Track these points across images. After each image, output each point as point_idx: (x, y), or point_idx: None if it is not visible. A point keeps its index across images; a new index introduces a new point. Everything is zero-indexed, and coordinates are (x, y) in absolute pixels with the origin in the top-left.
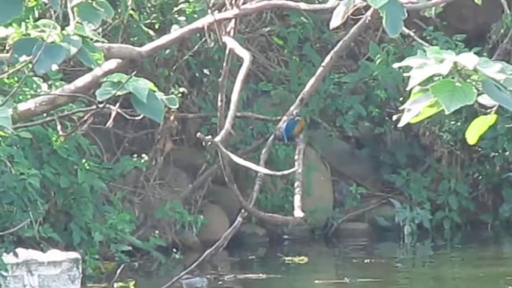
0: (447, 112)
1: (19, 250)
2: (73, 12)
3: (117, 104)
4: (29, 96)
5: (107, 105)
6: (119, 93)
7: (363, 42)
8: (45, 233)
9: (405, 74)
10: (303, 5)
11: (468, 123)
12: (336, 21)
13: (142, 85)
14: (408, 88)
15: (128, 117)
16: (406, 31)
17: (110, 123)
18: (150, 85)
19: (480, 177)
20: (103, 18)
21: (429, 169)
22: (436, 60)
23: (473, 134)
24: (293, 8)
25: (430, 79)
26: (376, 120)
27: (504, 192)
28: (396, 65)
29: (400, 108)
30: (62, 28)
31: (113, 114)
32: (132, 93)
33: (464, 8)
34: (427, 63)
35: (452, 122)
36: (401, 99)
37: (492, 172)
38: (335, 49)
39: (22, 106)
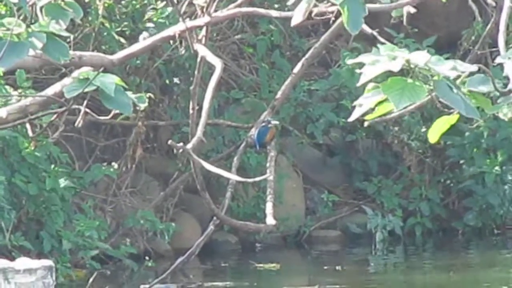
0: (396, 110)
1: None
2: (42, 13)
3: (85, 102)
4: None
5: (77, 106)
6: (87, 89)
7: (335, 50)
8: (16, 242)
9: (358, 71)
10: (274, 13)
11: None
12: (297, 18)
13: (110, 80)
14: (358, 85)
15: (97, 117)
16: (369, 30)
17: (79, 121)
18: (117, 80)
19: (452, 184)
20: (71, 17)
21: (401, 176)
22: (389, 57)
23: (434, 133)
24: (264, 16)
25: (384, 76)
26: (348, 128)
27: (465, 201)
28: (350, 62)
29: (353, 104)
30: (28, 26)
31: (82, 112)
32: (100, 88)
33: (436, 15)
34: (380, 60)
35: (423, 130)
36: None
37: (462, 180)
38: (306, 56)
39: None
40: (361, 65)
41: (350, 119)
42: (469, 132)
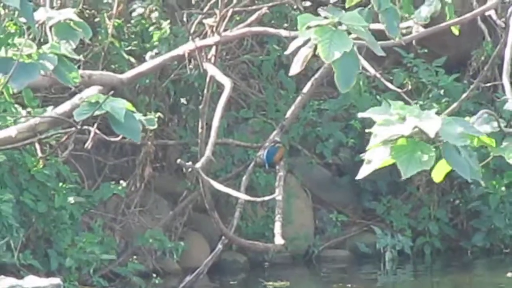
0: (403, 177)
1: (4, 277)
2: (51, 33)
3: (95, 125)
4: (8, 123)
5: (86, 126)
6: (97, 113)
7: None
8: (25, 260)
9: (367, 130)
10: (283, 32)
11: None
12: (296, 68)
13: (120, 105)
14: (368, 148)
15: (106, 138)
16: (372, 71)
17: (89, 143)
18: (128, 105)
19: (460, 204)
20: (80, 37)
21: (410, 196)
22: (400, 117)
23: (439, 173)
24: (274, 35)
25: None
26: (357, 148)
27: (473, 222)
28: (360, 115)
29: (361, 156)
30: (39, 47)
31: (92, 134)
32: (110, 113)
33: (445, 35)
34: (391, 120)
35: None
36: None
37: (470, 200)
38: (316, 76)
39: (2, 133)
40: (368, 88)
41: (358, 177)
42: (476, 152)
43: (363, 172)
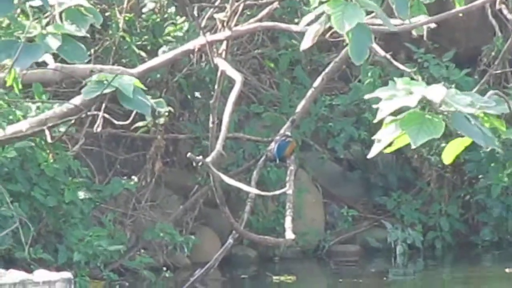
0: (413, 146)
1: (13, 271)
2: (61, 19)
3: (103, 104)
4: (18, 117)
5: (95, 112)
6: (106, 91)
7: (355, 64)
8: (35, 254)
9: (374, 106)
10: (294, 27)
11: None
12: (307, 42)
13: (127, 81)
14: (375, 121)
15: (115, 122)
16: (383, 53)
17: (97, 126)
18: (136, 81)
19: (471, 199)
20: (91, 23)
21: (421, 192)
22: (406, 91)
23: (449, 155)
24: (285, 30)
25: (401, 110)
26: (368, 143)
27: (480, 216)
28: (367, 97)
29: (372, 138)
30: (43, 28)
31: (100, 116)
32: (118, 89)
33: (456, 30)
34: (396, 95)
35: (442, 145)
36: None
37: (478, 193)
38: (326, 70)
39: (13, 128)
40: (382, 82)
41: (369, 156)
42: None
43: (374, 150)
